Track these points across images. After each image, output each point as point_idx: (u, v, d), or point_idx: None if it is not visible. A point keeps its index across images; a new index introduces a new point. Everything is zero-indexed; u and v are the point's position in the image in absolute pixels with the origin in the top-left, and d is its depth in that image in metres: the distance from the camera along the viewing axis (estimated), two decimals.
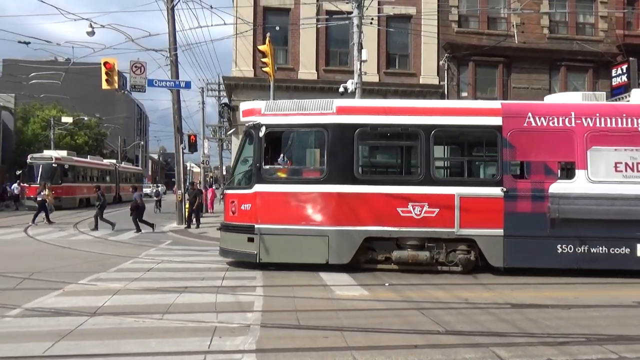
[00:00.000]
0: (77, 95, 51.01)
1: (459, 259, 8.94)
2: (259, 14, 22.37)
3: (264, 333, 5.29)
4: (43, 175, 28.12)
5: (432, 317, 6.03)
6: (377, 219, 8.85)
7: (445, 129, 9.17)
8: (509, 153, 8.84)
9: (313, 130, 9.58)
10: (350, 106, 9.44)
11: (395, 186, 9.05)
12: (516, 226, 8.70)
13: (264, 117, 9.34)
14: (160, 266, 9.66)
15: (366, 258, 9.15)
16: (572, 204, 8.62)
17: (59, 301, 6.64)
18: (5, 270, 8.92)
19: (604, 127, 8.81)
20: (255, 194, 9.16)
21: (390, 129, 9.28)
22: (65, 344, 4.83)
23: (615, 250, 8.63)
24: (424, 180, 8.91)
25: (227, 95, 27.68)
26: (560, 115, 8.89)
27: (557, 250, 8.68)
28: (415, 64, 23.18)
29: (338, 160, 9.04)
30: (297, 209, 9.05)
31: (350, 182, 8.95)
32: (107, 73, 17.36)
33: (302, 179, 9.56)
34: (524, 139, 8.86)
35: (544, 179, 8.77)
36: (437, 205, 8.79)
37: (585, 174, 8.71)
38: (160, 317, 5.84)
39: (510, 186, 8.74)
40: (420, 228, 8.83)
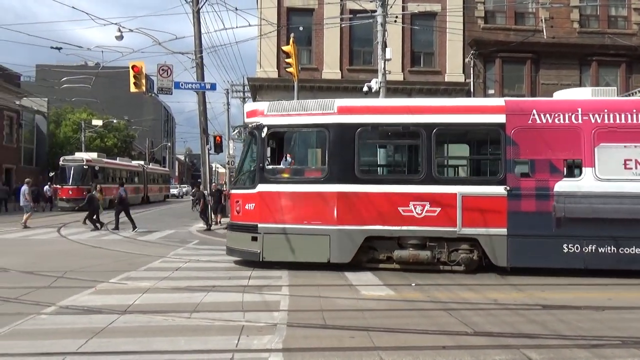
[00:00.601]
0: (106, 99, 52.22)
1: (461, 258, 8.87)
2: (282, 15, 22.48)
3: (290, 332, 5.31)
4: (75, 177, 28.93)
5: (460, 318, 5.95)
6: (378, 219, 8.85)
7: (447, 128, 9.08)
8: (512, 151, 8.67)
9: (315, 130, 9.62)
10: (352, 106, 9.37)
11: (396, 185, 9.01)
12: (520, 225, 8.56)
13: (266, 118, 9.43)
14: (187, 265, 9.81)
15: (368, 257, 9.15)
16: (579, 203, 8.42)
17: (92, 299, 6.81)
18: (40, 269, 9.21)
19: (613, 124, 8.55)
20: (259, 194, 9.27)
21: (391, 128, 9.29)
22: (98, 341, 4.95)
23: (625, 250, 8.37)
24: (425, 179, 8.86)
25: (251, 96, 27.90)
26: (567, 111, 8.68)
27: (564, 250, 8.48)
28: (441, 61, 22.91)
29: (339, 160, 9.06)
30: (299, 209, 9.13)
31: (351, 182, 8.96)
32: (135, 76, 17.73)
33: (304, 179, 9.65)
34: (528, 136, 8.69)
35: (549, 177, 8.59)
36: (438, 204, 8.72)
37: (592, 172, 8.49)
38: (189, 316, 5.93)
39: (513, 185, 8.60)
40: (422, 227, 8.79)
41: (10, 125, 43.05)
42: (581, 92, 9.58)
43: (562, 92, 9.82)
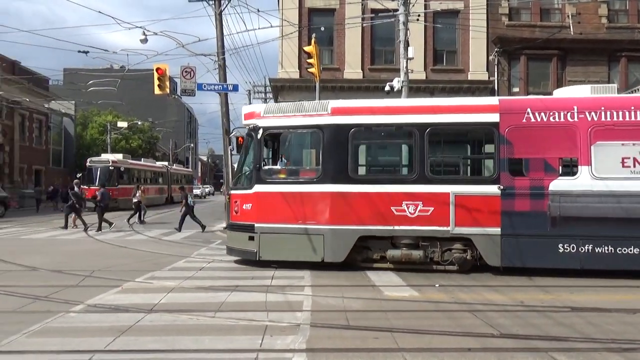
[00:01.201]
0: (131, 101, 53.28)
1: (454, 257, 8.84)
2: (304, 16, 22.54)
3: (313, 332, 5.31)
4: (101, 178, 29.53)
5: (486, 320, 5.86)
6: (371, 218, 8.89)
7: (440, 127, 9.02)
8: (506, 150, 8.60)
9: (309, 131, 9.70)
10: (345, 107, 9.42)
11: (389, 185, 9.04)
12: (514, 225, 8.47)
13: (262, 120, 9.59)
14: (211, 265, 9.91)
15: (362, 257, 9.20)
16: (575, 202, 8.32)
17: (118, 298, 6.93)
18: (69, 268, 9.42)
19: (610, 121, 8.38)
20: (255, 194, 9.43)
21: (384, 129, 9.35)
22: (125, 340, 5.03)
23: (623, 250, 8.18)
24: (418, 178, 8.86)
25: (273, 97, 28.05)
26: (562, 109, 8.56)
27: (559, 250, 8.36)
28: (464, 59, 22.64)
29: (333, 160, 9.12)
30: (293, 209, 9.18)
31: (345, 182, 9.02)
32: (159, 78, 17.99)
33: (299, 179, 9.77)
34: (522, 135, 8.62)
35: (543, 176, 8.50)
36: (431, 203, 8.72)
37: (589, 170, 8.34)
38: (213, 315, 5.98)
39: (507, 184, 8.53)
40: (415, 227, 8.78)
41: (39, 127, 44.25)
42: (581, 89, 9.41)
43: (562, 90, 9.70)
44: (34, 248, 12.77)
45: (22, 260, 10.28)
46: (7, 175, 36.65)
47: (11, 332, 5.22)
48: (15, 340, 4.98)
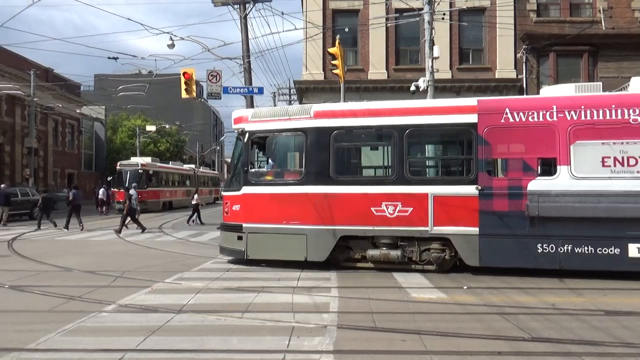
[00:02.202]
0: (159, 105, 54.30)
1: (432, 257, 8.97)
2: (328, 17, 22.56)
3: (340, 334, 5.30)
4: (131, 181, 30.17)
5: (516, 323, 5.74)
6: (352, 219, 9.09)
7: (419, 129, 9.14)
8: (484, 150, 8.64)
9: (293, 134, 9.96)
10: (327, 110, 9.65)
11: (369, 186, 9.26)
12: (492, 225, 8.51)
13: (249, 124, 9.98)
14: (238, 266, 10.00)
15: (345, 256, 9.44)
16: (553, 202, 8.26)
17: (148, 298, 7.07)
18: (101, 268, 9.67)
19: (590, 120, 8.29)
20: (243, 196, 9.85)
21: (364, 131, 9.54)
22: (155, 339, 5.13)
23: (603, 251, 8.10)
24: (397, 179, 9.00)
25: (297, 99, 28.17)
26: (541, 109, 8.50)
27: (538, 250, 8.34)
28: (491, 58, 22.26)
29: (315, 163, 9.38)
30: (278, 209, 9.53)
31: (327, 183, 9.25)
32: (186, 83, 18.31)
33: (284, 181, 10.07)
34: (500, 135, 8.66)
35: (522, 176, 8.49)
36: (410, 204, 8.84)
37: (568, 170, 8.30)
38: (240, 316, 6.04)
39: (485, 184, 8.57)
40: (394, 227, 8.93)
41: (71, 132, 45.57)
42: (565, 88, 9.25)
43: (548, 89, 9.51)
44: (68, 249, 13.15)
45: (56, 261, 10.60)
46: (41, 178, 37.83)
47: (47, 330, 5.39)
48: (51, 339, 5.14)
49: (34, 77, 30.74)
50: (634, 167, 8.09)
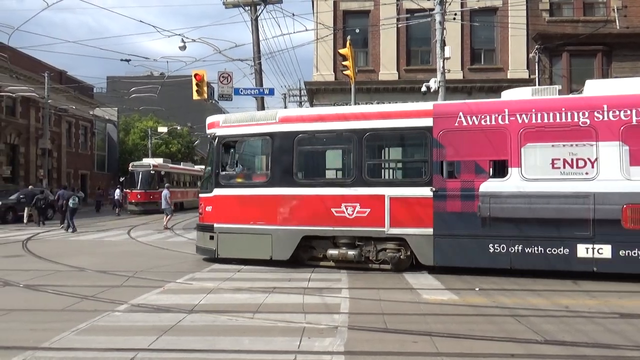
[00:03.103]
0: (171, 106, 54.74)
1: (387, 257, 9.22)
2: (338, 18, 22.57)
3: (351, 335, 5.29)
4: (143, 182, 30.42)
5: (529, 325, 5.68)
6: (314, 219, 9.43)
7: (377, 132, 9.39)
8: (439, 153, 8.86)
9: (260, 138, 10.46)
10: (291, 116, 10.10)
11: (330, 188, 9.52)
12: (446, 225, 8.72)
13: (221, 129, 10.48)
14: (248, 267, 10.01)
15: (308, 255, 9.83)
16: (504, 203, 8.46)
17: (160, 298, 7.12)
18: (113, 268, 9.76)
19: (540, 123, 8.44)
20: (215, 197, 10.34)
21: (326, 135, 9.80)
22: (167, 339, 5.17)
23: (552, 251, 8.26)
24: (356, 182, 9.26)
25: (308, 100, 28.19)
26: (493, 113, 8.69)
27: (489, 250, 8.52)
28: (503, 58, 22.10)
29: (280, 166, 9.77)
30: (246, 210, 9.96)
31: (290, 185, 9.64)
32: (197, 84, 18.41)
33: (251, 183, 10.54)
34: (454, 138, 8.84)
35: (474, 178, 8.69)
36: (368, 205, 9.11)
37: (518, 172, 8.46)
38: (252, 317, 6.06)
39: (439, 186, 8.79)
40: (353, 227, 9.23)
41: (84, 134, 46.08)
42: (522, 92, 9.35)
43: (507, 92, 9.66)
44: (81, 249, 13.29)
45: (70, 261, 10.72)
46: (55, 179, 38.30)
47: (61, 329, 5.45)
48: (64, 338, 5.20)
49: (48, 79, 31.13)
50: (582, 169, 8.21)
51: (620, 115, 8.14)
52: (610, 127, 8.13)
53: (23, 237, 16.42)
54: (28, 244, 14.48)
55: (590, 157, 8.18)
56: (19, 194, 25.42)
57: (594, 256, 8.09)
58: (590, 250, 8.10)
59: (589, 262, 8.12)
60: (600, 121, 8.19)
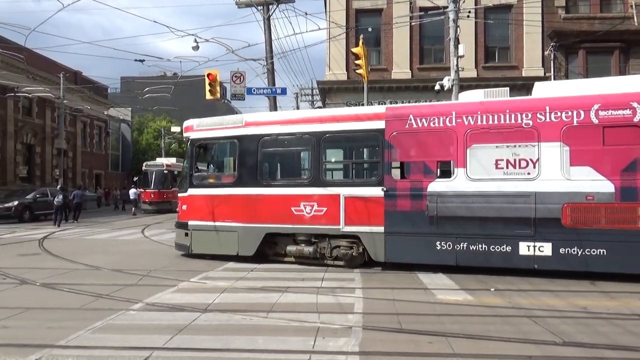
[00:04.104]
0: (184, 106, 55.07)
1: (340, 253, 9.66)
2: (351, 17, 22.51)
3: (366, 335, 5.26)
4: (156, 181, 30.65)
5: (546, 326, 5.59)
6: (275, 217, 9.94)
7: (334, 135, 9.78)
8: (390, 154, 9.21)
9: (228, 141, 10.95)
10: (256, 120, 10.56)
11: (290, 188, 10.01)
12: (396, 224, 9.06)
13: (194, 133, 11.13)
14: (262, 266, 10.03)
15: (273, 251, 10.35)
16: (450, 202, 8.76)
17: (175, 297, 7.15)
18: (129, 267, 9.84)
19: (485, 125, 8.69)
20: (189, 197, 11.02)
21: (287, 137, 10.24)
22: (182, 338, 5.18)
23: (496, 248, 8.51)
24: (313, 182, 9.72)
25: (321, 99, 28.17)
26: (441, 115, 8.98)
27: (437, 247, 8.83)
28: (517, 55, 21.86)
29: (245, 167, 10.34)
30: (215, 209, 10.53)
31: (255, 185, 10.17)
32: (210, 84, 18.49)
33: (220, 184, 10.90)
34: (404, 140, 9.16)
35: (422, 178, 8.99)
36: (324, 204, 9.57)
37: (464, 172, 8.74)
38: (265, 316, 6.05)
39: (390, 186, 9.13)
40: (311, 225, 9.69)
41: (99, 134, 46.59)
42: (475, 94, 9.59)
43: (465, 94, 9.91)
44: (96, 248, 13.43)
45: (85, 260, 10.83)
46: (70, 179, 38.79)
47: (77, 327, 5.50)
48: (80, 336, 5.24)
49: (63, 79, 31.52)
50: (525, 169, 8.42)
51: (561, 116, 8.32)
52: (552, 128, 8.33)
53: (39, 235, 16.64)
54: (44, 242, 14.68)
55: (533, 157, 8.40)
56: (35, 193, 25.81)
57: (534, 254, 8.31)
58: (532, 248, 8.32)
59: (530, 260, 8.35)
60: (543, 122, 8.39)
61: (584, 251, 8.08)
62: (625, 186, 7.94)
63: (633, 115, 8.00)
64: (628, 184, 7.93)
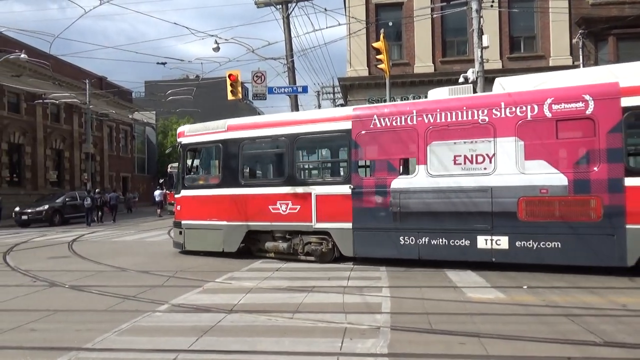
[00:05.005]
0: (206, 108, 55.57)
1: (311, 249, 10.09)
2: (371, 12, 22.24)
3: (395, 336, 5.10)
4: None
5: (585, 325, 5.33)
6: (255, 216, 10.52)
7: (306, 136, 10.24)
8: (356, 153, 9.59)
9: (213, 145, 11.59)
10: (237, 124, 11.13)
11: (267, 188, 10.59)
12: (363, 220, 9.42)
13: (185, 138, 11.92)
14: (287, 266, 9.96)
15: (256, 247, 10.96)
16: (411, 198, 9.02)
17: (200, 298, 7.12)
18: (155, 268, 9.91)
19: (444, 122, 8.89)
20: (182, 198, 11.81)
21: (265, 140, 10.85)
22: (207, 340, 5.12)
23: (455, 242, 8.73)
24: (288, 182, 10.22)
25: (342, 96, 27.98)
26: (403, 114, 9.24)
27: (401, 242, 9.11)
28: (544, 45, 21.24)
29: (229, 169, 10.99)
30: (204, 208, 11.26)
31: (237, 186, 10.79)
32: (231, 84, 18.55)
33: (208, 185, 11.61)
34: (369, 139, 9.50)
35: (386, 176, 9.29)
36: (298, 203, 10.04)
37: (425, 169, 8.98)
38: (291, 317, 5.95)
39: (356, 184, 9.49)
40: (286, 223, 10.23)
41: (125, 137, 47.40)
42: (440, 92, 9.81)
43: (432, 91, 10.12)
44: (123, 250, 13.61)
45: (113, 262, 10.95)
46: (98, 182, 39.58)
47: (104, 330, 5.50)
48: (107, 338, 5.23)
49: (89, 85, 32.14)
50: (481, 165, 8.58)
51: (516, 111, 8.42)
52: (507, 124, 8.45)
53: (69, 238, 16.97)
54: (73, 245, 14.94)
55: (489, 153, 8.53)
56: (65, 197, 26.40)
57: (492, 247, 8.47)
58: (489, 241, 8.49)
59: (487, 253, 8.52)
60: (498, 118, 8.52)
61: (539, 244, 8.16)
62: (578, 179, 7.98)
63: (585, 108, 8.00)
64: (581, 177, 7.97)
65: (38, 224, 24.48)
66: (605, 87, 8.01)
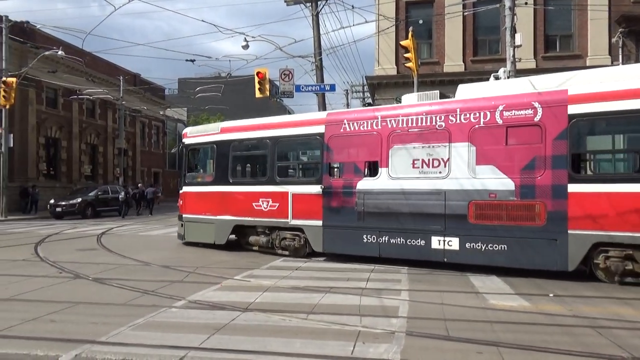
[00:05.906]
0: (236, 105, 56.21)
1: (285, 244, 10.93)
2: (401, 10, 21.95)
3: (409, 342, 4.94)
4: None
5: (613, 339, 5.04)
6: (241, 211, 11.50)
7: (285, 139, 11.06)
8: (328, 156, 10.27)
9: (208, 146, 12.69)
10: (229, 126, 12.27)
11: (252, 186, 11.49)
12: (331, 218, 10.10)
13: (187, 139, 13.23)
14: (307, 265, 9.90)
15: (244, 241, 11.88)
16: (374, 199, 9.57)
17: (217, 295, 7.12)
18: (177, 264, 10.00)
19: (405, 127, 9.34)
20: (183, 193, 13.11)
21: (250, 142, 11.78)
22: (219, 338, 5.08)
23: (412, 242, 9.15)
24: (269, 180, 11.10)
25: (370, 95, 27.74)
26: (369, 119, 9.79)
27: (364, 240, 9.68)
28: (581, 44, 20.49)
29: (220, 168, 12.05)
30: (200, 204, 12.42)
31: (227, 184, 11.84)
32: (259, 82, 18.61)
33: (204, 182, 12.75)
34: (339, 142, 10.15)
35: (353, 177, 9.89)
36: (277, 200, 10.86)
37: (387, 172, 9.48)
38: (305, 317, 5.86)
39: (327, 184, 10.18)
40: (267, 219, 11.07)
41: (157, 133, 48.36)
42: (409, 97, 10.25)
43: (405, 96, 10.49)
44: (148, 244, 13.85)
45: (137, 256, 11.13)
46: (130, 177, 40.52)
47: (119, 324, 5.54)
48: (121, 333, 5.26)
49: (123, 82, 32.88)
50: (437, 168, 8.98)
51: (470, 117, 8.73)
52: (462, 129, 8.78)
53: (99, 231, 17.38)
54: (102, 238, 15.28)
55: (444, 157, 8.92)
56: (97, 190, 27.10)
57: (444, 248, 8.85)
58: (442, 242, 8.87)
59: (440, 253, 8.90)
60: (454, 124, 8.87)
61: (487, 246, 8.46)
62: (524, 184, 8.20)
63: (534, 115, 8.20)
64: (527, 182, 8.18)
65: (71, 216, 25.21)
66: (554, 95, 8.16)
